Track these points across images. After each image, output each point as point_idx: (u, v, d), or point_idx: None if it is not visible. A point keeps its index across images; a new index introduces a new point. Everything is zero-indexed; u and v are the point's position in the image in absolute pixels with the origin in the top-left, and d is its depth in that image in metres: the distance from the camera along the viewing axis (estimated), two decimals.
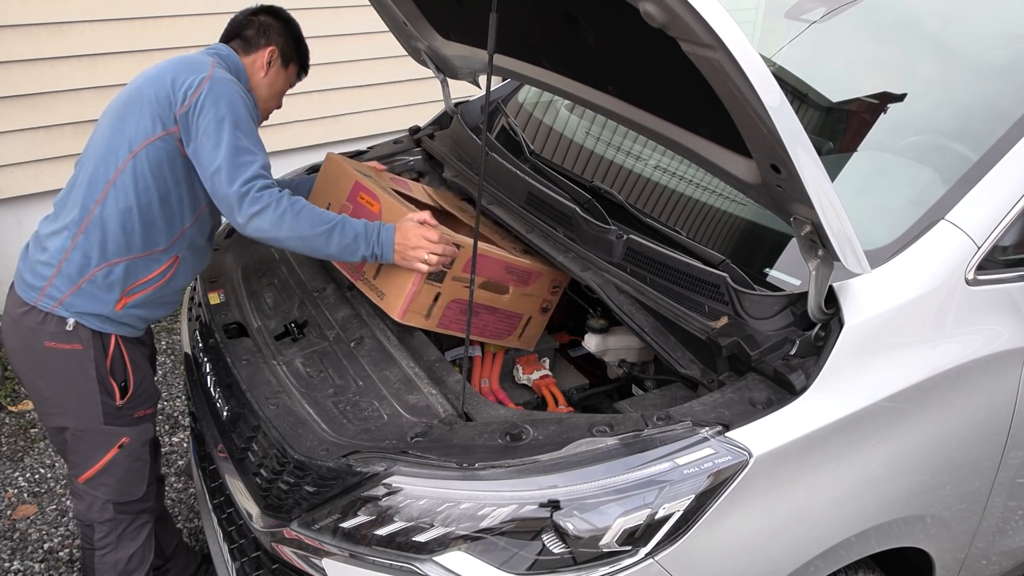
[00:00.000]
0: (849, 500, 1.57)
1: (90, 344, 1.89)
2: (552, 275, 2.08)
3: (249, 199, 1.78)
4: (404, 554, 1.43)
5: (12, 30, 3.41)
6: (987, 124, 1.86)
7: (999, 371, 1.70)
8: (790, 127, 1.24)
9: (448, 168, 2.51)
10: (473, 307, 1.95)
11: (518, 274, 2.01)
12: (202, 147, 1.81)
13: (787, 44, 2.51)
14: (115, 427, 1.96)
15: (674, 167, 2.19)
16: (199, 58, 1.93)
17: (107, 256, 1.87)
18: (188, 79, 1.83)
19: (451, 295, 1.91)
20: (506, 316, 2.04)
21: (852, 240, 1.40)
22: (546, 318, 2.14)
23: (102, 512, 2.02)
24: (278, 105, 2.17)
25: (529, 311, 2.08)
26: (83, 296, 1.87)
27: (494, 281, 1.98)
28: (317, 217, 1.83)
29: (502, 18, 1.37)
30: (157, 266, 1.94)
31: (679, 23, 1.18)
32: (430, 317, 1.91)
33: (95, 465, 1.97)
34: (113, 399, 1.93)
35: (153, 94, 1.84)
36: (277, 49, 2.07)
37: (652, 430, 1.44)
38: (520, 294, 2.03)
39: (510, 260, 1.98)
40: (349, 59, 4.42)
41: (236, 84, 1.89)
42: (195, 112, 1.80)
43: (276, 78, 2.09)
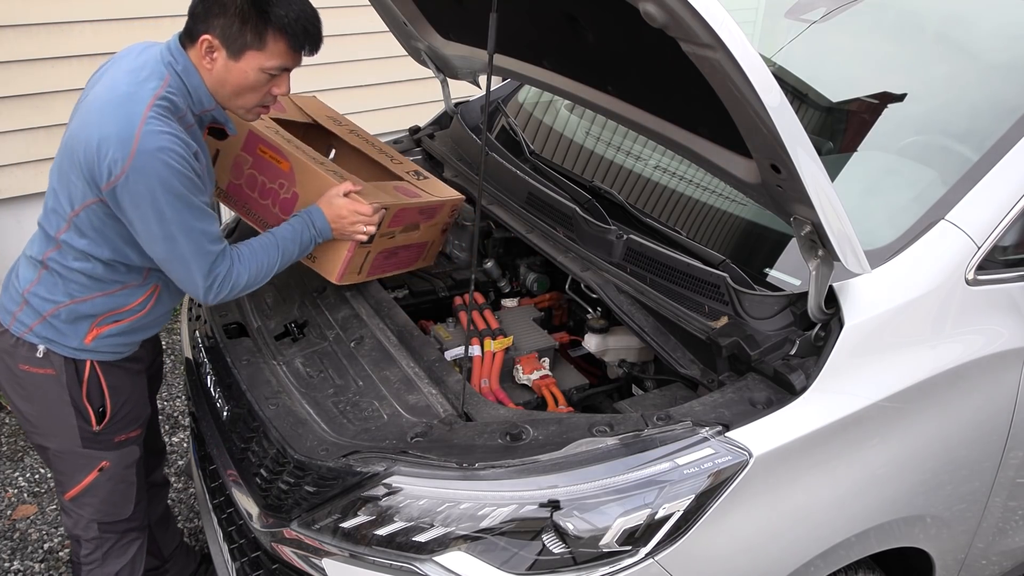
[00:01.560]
0: (849, 500, 1.57)
1: (63, 370, 1.78)
2: (452, 203, 2.19)
3: (214, 291, 1.71)
4: (404, 554, 1.43)
5: (12, 30, 3.41)
6: (987, 124, 1.86)
7: (999, 371, 1.70)
8: (790, 127, 1.24)
9: (448, 168, 2.51)
10: (394, 250, 2.09)
11: (428, 212, 2.12)
12: (141, 236, 1.63)
13: (787, 44, 2.51)
14: (94, 451, 1.86)
15: (674, 167, 2.19)
16: (139, 91, 1.59)
17: (71, 294, 1.74)
18: (111, 152, 1.54)
19: (378, 248, 2.02)
20: (417, 247, 2.19)
21: (852, 240, 1.40)
22: (444, 236, 2.31)
23: (87, 530, 1.95)
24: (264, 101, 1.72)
25: (433, 236, 2.23)
26: (49, 328, 1.76)
27: (410, 223, 2.08)
28: (265, 255, 1.78)
29: (502, 18, 1.37)
30: (133, 299, 1.80)
31: (679, 23, 1.18)
32: (361, 272, 2.04)
33: (77, 485, 1.89)
34: (89, 424, 1.83)
35: (82, 156, 1.59)
36: (213, 37, 1.61)
37: (652, 430, 1.44)
38: (427, 226, 2.16)
39: (424, 203, 2.08)
40: (349, 59, 4.42)
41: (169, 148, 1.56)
42: (122, 195, 1.58)
43: (226, 73, 1.65)
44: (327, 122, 2.36)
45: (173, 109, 1.62)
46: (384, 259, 2.07)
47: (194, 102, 1.68)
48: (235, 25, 1.59)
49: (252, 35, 1.60)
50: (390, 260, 2.11)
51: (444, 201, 2.15)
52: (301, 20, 1.62)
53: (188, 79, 1.65)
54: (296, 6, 1.62)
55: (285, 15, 1.60)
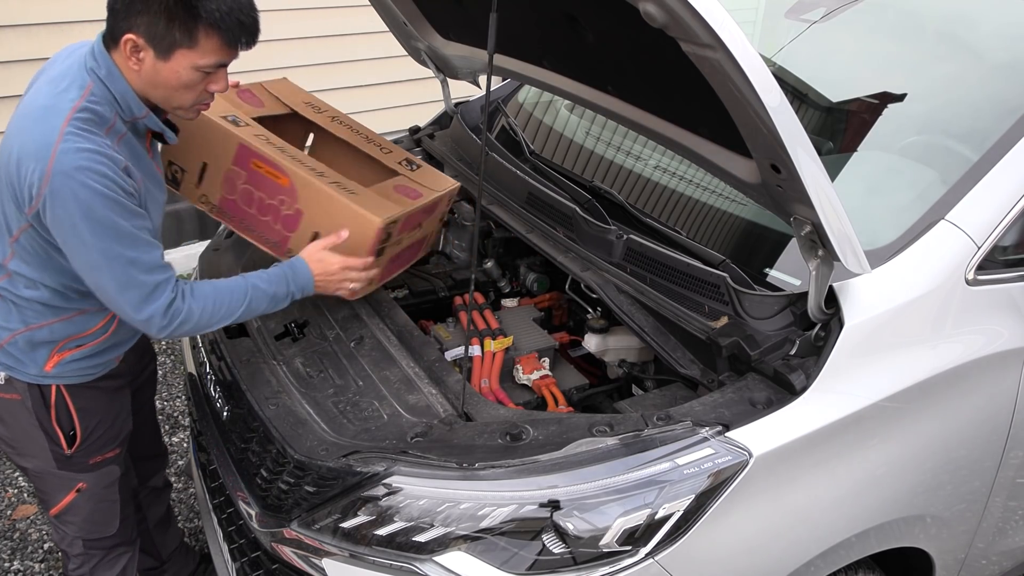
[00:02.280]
0: (849, 500, 1.57)
1: (27, 395, 1.70)
2: (450, 193, 2.18)
3: (157, 325, 1.56)
4: (404, 554, 1.43)
5: (12, 30, 3.41)
6: (987, 124, 1.86)
7: (999, 371, 1.70)
8: (790, 127, 1.24)
9: (448, 168, 2.50)
10: (400, 253, 2.08)
11: (430, 209, 2.11)
12: (75, 262, 1.51)
13: (787, 44, 2.51)
14: (69, 473, 1.80)
15: (674, 167, 2.19)
16: (56, 102, 1.47)
17: (26, 322, 1.64)
18: (30, 169, 1.43)
19: (390, 254, 2.01)
20: (418, 243, 2.19)
21: (852, 240, 1.40)
22: (442, 223, 2.32)
23: (72, 546, 1.91)
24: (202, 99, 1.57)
25: (433, 228, 2.25)
26: (7, 355, 1.68)
27: (415, 225, 2.07)
28: (228, 298, 1.64)
29: (502, 18, 1.37)
30: (91, 324, 1.69)
31: (679, 23, 1.18)
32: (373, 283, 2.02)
33: (58, 504, 1.84)
34: (61, 447, 1.76)
35: (5, 175, 1.49)
36: (138, 36, 1.45)
37: (652, 430, 1.44)
38: (428, 221, 2.16)
39: (427, 203, 2.06)
40: (349, 59, 4.42)
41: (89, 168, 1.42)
42: (45, 218, 1.46)
43: (155, 74, 1.49)
44: (305, 109, 2.24)
45: (97, 120, 1.48)
46: (390, 262, 2.05)
47: (123, 109, 1.53)
48: (161, 23, 1.43)
49: (181, 32, 1.44)
50: (395, 263, 2.10)
51: (443, 194, 2.14)
52: (234, 12, 1.46)
53: (113, 85, 1.50)
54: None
55: (216, 9, 1.44)
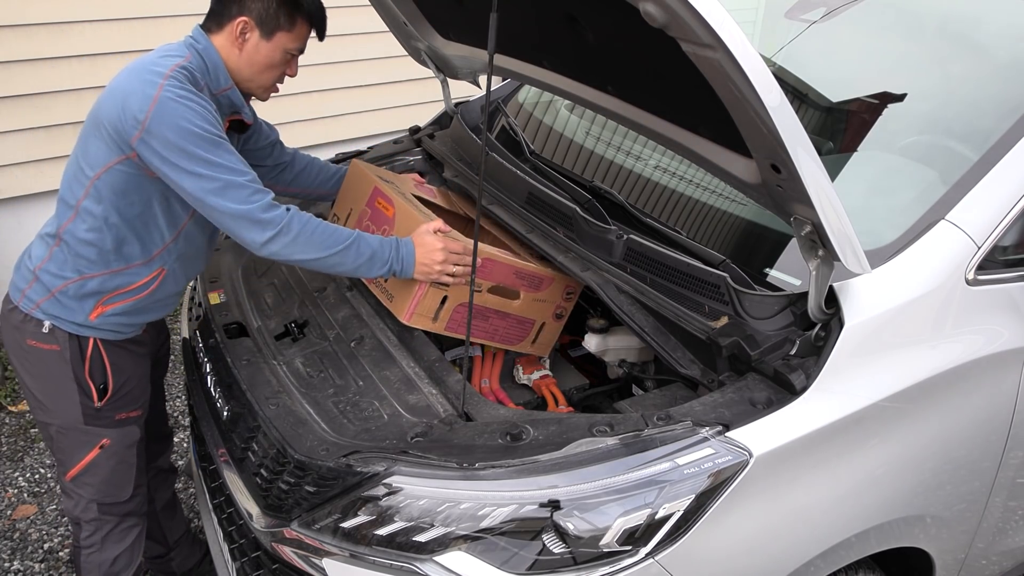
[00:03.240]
0: (849, 500, 1.57)
1: (67, 346, 1.86)
2: (566, 281, 2.04)
3: (256, 227, 1.70)
4: (404, 554, 1.43)
5: (12, 30, 3.41)
6: (987, 124, 1.86)
7: (999, 371, 1.70)
8: (790, 127, 1.24)
9: (448, 168, 2.50)
10: (484, 312, 1.94)
11: (529, 279, 1.98)
12: (175, 180, 1.68)
13: (787, 44, 2.51)
14: (95, 427, 1.93)
15: (674, 167, 2.19)
16: (159, 63, 1.72)
17: (80, 270, 1.82)
18: (135, 104, 1.65)
19: (459, 298, 1.89)
20: (518, 321, 2.02)
21: (852, 240, 1.40)
22: (561, 324, 2.11)
23: (86, 511, 1.99)
24: (279, 79, 1.91)
25: (542, 317, 2.05)
26: (56, 304, 1.84)
27: (504, 286, 1.96)
28: (331, 236, 1.76)
29: (502, 18, 1.37)
30: (138, 279, 1.87)
31: (679, 23, 1.18)
32: (437, 320, 1.91)
33: (78, 464, 1.95)
34: (92, 400, 1.89)
35: (108, 117, 1.69)
36: (250, 19, 1.78)
37: (652, 430, 1.44)
38: (532, 299, 2.01)
39: (520, 265, 1.96)
40: (349, 59, 4.42)
41: (189, 99, 1.67)
42: (149, 142, 1.65)
43: (256, 53, 1.82)
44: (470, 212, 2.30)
45: (192, 80, 1.72)
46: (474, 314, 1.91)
47: (211, 80, 1.79)
48: (272, 8, 1.78)
49: (285, 18, 1.80)
50: (478, 321, 1.95)
51: (551, 274, 2.01)
52: (320, 8, 1.85)
53: (208, 57, 1.78)
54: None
55: (312, 2, 1.82)
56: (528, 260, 2.02)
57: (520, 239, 2.10)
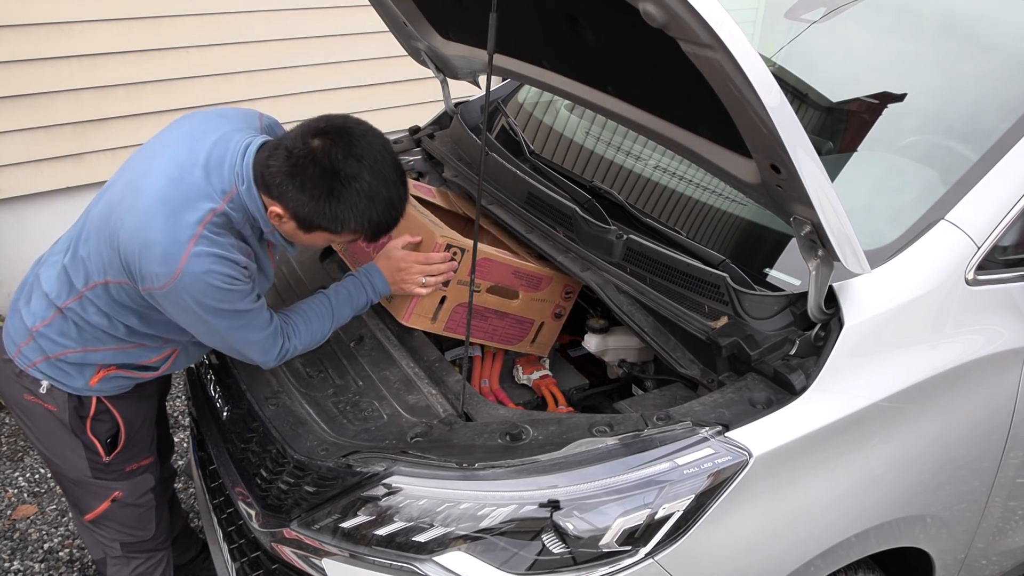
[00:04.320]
0: (849, 500, 1.57)
1: (65, 407, 1.74)
2: (564, 281, 2.04)
3: (273, 363, 1.71)
4: (404, 554, 1.43)
5: (12, 30, 3.41)
6: (987, 124, 1.86)
7: (999, 371, 1.70)
8: (790, 127, 1.24)
9: (448, 168, 2.50)
10: (482, 312, 1.95)
11: (528, 279, 1.98)
12: (193, 331, 1.63)
13: (787, 44, 2.51)
14: (105, 481, 1.84)
15: (674, 167, 2.19)
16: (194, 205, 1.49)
17: (84, 343, 1.69)
18: (154, 266, 1.47)
19: (457, 298, 1.90)
20: (517, 321, 2.02)
21: (852, 240, 1.40)
22: (560, 324, 2.11)
23: (111, 548, 1.93)
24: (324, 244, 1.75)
25: (541, 316, 2.05)
26: (54, 368, 1.72)
27: (502, 285, 1.96)
28: (319, 323, 1.75)
29: (502, 18, 1.37)
30: (149, 356, 1.76)
31: (679, 23, 1.18)
32: (436, 320, 1.91)
33: (93, 512, 1.88)
34: (98, 455, 1.80)
35: (121, 246, 1.51)
36: (286, 212, 1.53)
37: (652, 430, 1.44)
38: (531, 299, 2.00)
39: (518, 265, 1.95)
40: (349, 59, 4.42)
41: (217, 268, 1.48)
42: (162, 301, 1.54)
43: (296, 235, 1.60)
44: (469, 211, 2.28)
45: (228, 225, 1.54)
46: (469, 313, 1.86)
47: (253, 223, 1.59)
48: (311, 212, 1.51)
49: (327, 223, 1.53)
50: (476, 321, 1.94)
51: (549, 274, 1.99)
52: (375, 218, 1.55)
53: (251, 203, 1.55)
54: (378, 205, 1.53)
55: (362, 218, 1.53)
56: (527, 260, 2.02)
57: (520, 239, 2.09)
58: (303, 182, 1.49)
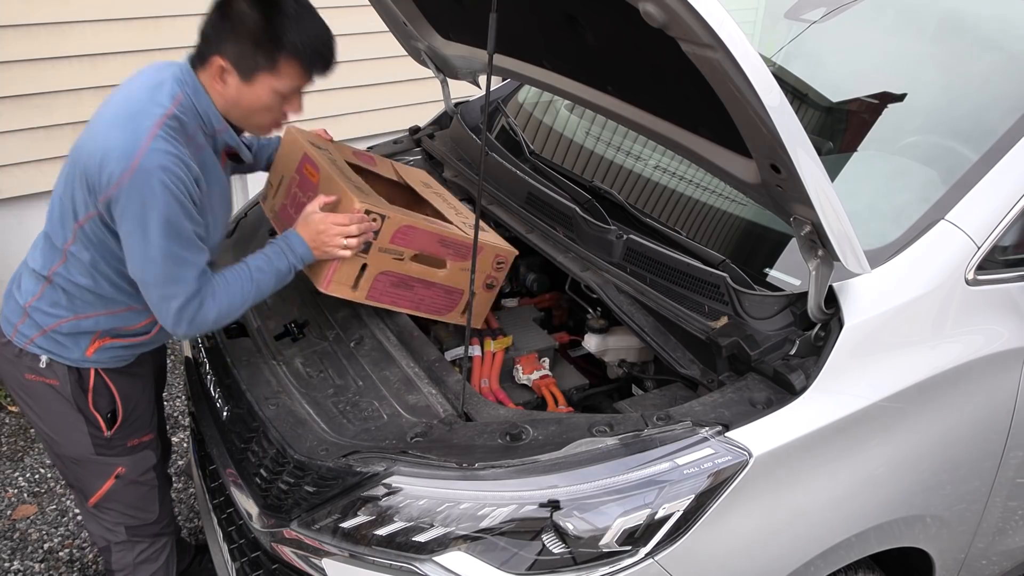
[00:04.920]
0: (849, 500, 1.57)
1: (66, 380, 1.78)
2: (495, 250, 1.96)
3: (183, 324, 1.64)
4: (404, 554, 1.43)
5: (12, 30, 3.41)
6: (987, 124, 1.86)
7: (999, 371, 1.70)
8: (790, 127, 1.24)
9: (448, 168, 2.51)
10: (406, 280, 1.89)
11: (455, 248, 1.90)
12: (126, 251, 1.60)
13: (787, 44, 2.51)
14: (108, 457, 1.86)
15: (674, 167, 2.19)
16: (148, 110, 1.57)
17: (75, 310, 1.73)
18: (112, 164, 1.52)
19: (379, 267, 1.84)
20: (444, 291, 1.94)
21: (852, 240, 1.40)
22: (492, 295, 2.03)
23: (115, 533, 1.95)
24: (279, 118, 1.76)
25: (467, 285, 1.92)
26: (50, 341, 1.75)
27: (428, 254, 1.89)
28: (239, 290, 1.69)
29: (502, 18, 1.37)
30: (137, 321, 1.78)
31: (679, 23, 1.18)
32: (357, 289, 1.86)
33: (97, 492, 1.89)
34: (100, 430, 1.82)
35: (84, 166, 1.57)
36: (225, 60, 1.60)
37: (652, 430, 1.44)
38: (459, 269, 1.93)
39: (444, 233, 1.88)
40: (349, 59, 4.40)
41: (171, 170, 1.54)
42: (115, 207, 1.56)
43: (239, 97, 1.65)
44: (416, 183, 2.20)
45: (181, 130, 1.60)
46: (392, 286, 1.88)
47: (204, 123, 1.67)
48: (247, 49, 1.59)
49: (264, 58, 1.60)
50: (401, 291, 1.91)
51: (480, 244, 1.85)
52: (315, 43, 1.62)
53: (198, 100, 1.64)
54: (310, 29, 1.61)
55: (298, 40, 1.59)
56: (458, 228, 1.94)
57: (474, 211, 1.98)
58: (233, 20, 1.59)
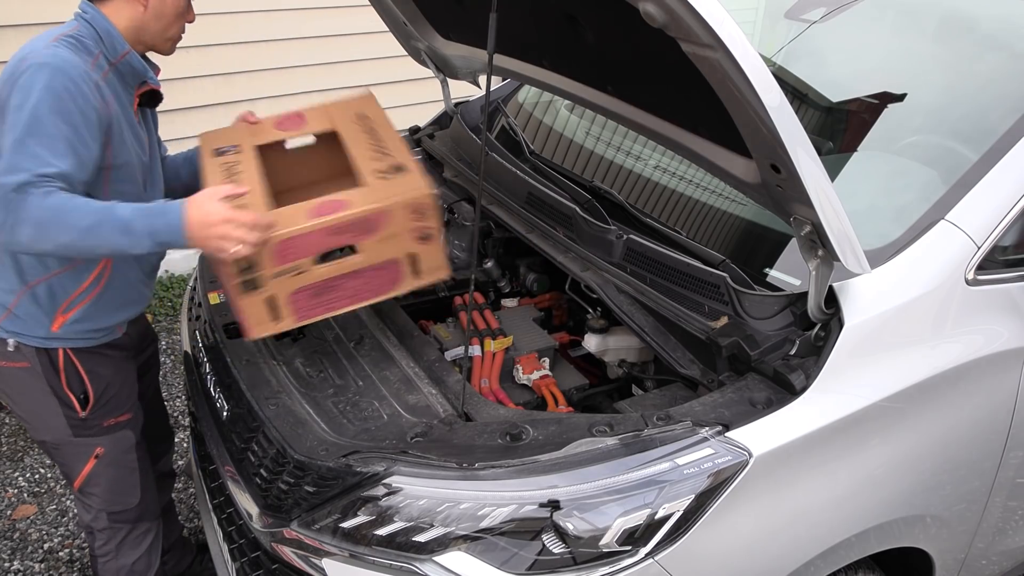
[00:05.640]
0: (849, 500, 1.57)
1: (36, 361, 1.79)
2: (407, 204, 1.67)
3: (8, 204, 1.50)
4: (404, 554, 1.43)
5: (12, 30, 3.41)
6: (987, 124, 1.86)
7: (999, 371, 1.70)
8: (790, 127, 1.24)
9: (448, 168, 2.51)
10: (327, 285, 1.69)
11: (353, 228, 1.64)
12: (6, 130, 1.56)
13: (787, 44, 2.51)
14: (85, 438, 1.88)
15: (674, 167, 2.19)
16: (44, 36, 1.64)
17: (25, 279, 1.74)
18: (15, 63, 1.59)
19: (287, 288, 1.65)
20: (377, 269, 1.71)
21: (852, 240, 1.40)
22: (434, 244, 1.76)
23: (97, 520, 1.97)
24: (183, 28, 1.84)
25: (403, 250, 1.72)
26: (15, 321, 1.77)
27: (329, 249, 1.68)
28: (75, 215, 1.51)
29: (502, 18, 1.37)
30: (85, 276, 1.77)
31: (679, 23, 1.18)
32: (281, 319, 1.69)
33: (79, 475, 1.91)
34: (75, 411, 1.84)
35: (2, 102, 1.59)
36: None
37: (652, 430, 1.44)
38: (376, 242, 1.68)
39: (334, 222, 1.62)
40: (349, 59, 4.42)
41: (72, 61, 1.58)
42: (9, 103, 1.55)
43: (162, 5, 1.75)
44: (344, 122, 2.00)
45: (81, 48, 1.65)
46: (315, 296, 1.68)
47: (107, 47, 1.70)
48: None
49: None
50: (329, 295, 1.71)
51: (382, 209, 1.65)
52: None
53: (98, 24, 1.69)
54: None
55: None
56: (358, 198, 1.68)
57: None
58: None
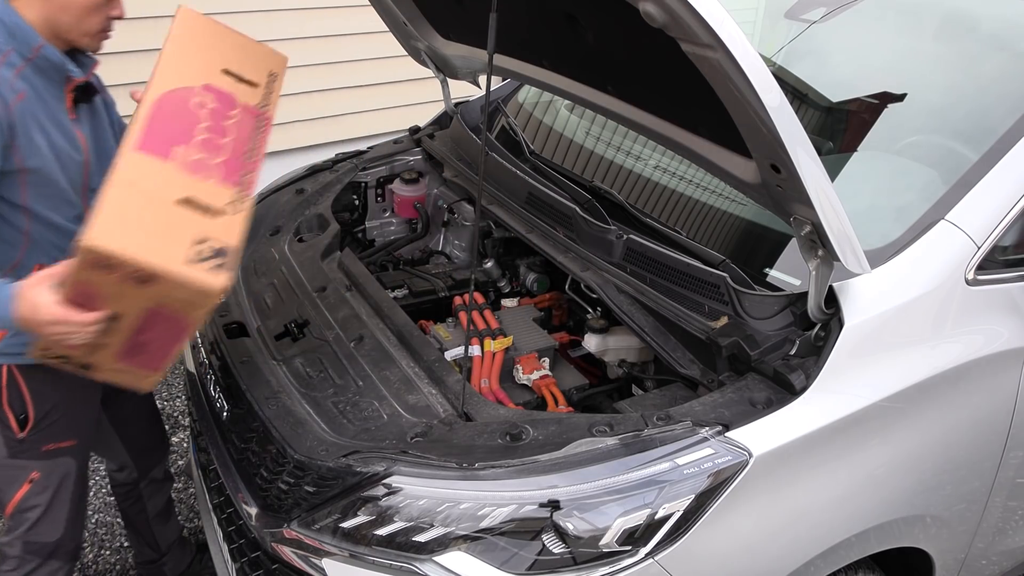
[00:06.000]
0: (849, 500, 1.57)
1: None
2: (86, 258, 1.30)
3: None
4: (404, 554, 1.43)
5: None
6: (987, 124, 1.86)
7: (999, 371, 1.70)
8: (790, 127, 1.24)
9: (448, 168, 2.51)
10: (126, 350, 1.51)
11: (80, 296, 1.38)
12: None
13: (787, 44, 2.51)
14: (21, 460, 1.77)
15: (674, 167, 2.19)
16: None
17: None
18: None
19: (110, 357, 1.51)
20: (154, 322, 1.45)
21: (852, 240, 1.40)
22: (148, 287, 1.36)
23: (12, 546, 1.85)
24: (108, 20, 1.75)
25: (145, 302, 1.40)
26: None
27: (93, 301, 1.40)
28: None
29: (502, 18, 1.37)
30: (12, 255, 1.67)
31: (679, 23, 1.18)
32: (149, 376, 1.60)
33: (11, 500, 1.80)
34: (12, 431, 1.74)
35: None
36: None
37: (652, 430, 1.44)
38: (117, 297, 1.38)
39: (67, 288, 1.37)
40: (349, 59, 4.42)
41: None
42: None
43: None
44: None
45: None
46: (137, 353, 1.52)
47: (18, 42, 1.58)
48: None
49: None
50: (138, 357, 1.54)
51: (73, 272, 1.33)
52: None
53: (5, 18, 1.57)
54: None
55: None
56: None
57: None
58: None
